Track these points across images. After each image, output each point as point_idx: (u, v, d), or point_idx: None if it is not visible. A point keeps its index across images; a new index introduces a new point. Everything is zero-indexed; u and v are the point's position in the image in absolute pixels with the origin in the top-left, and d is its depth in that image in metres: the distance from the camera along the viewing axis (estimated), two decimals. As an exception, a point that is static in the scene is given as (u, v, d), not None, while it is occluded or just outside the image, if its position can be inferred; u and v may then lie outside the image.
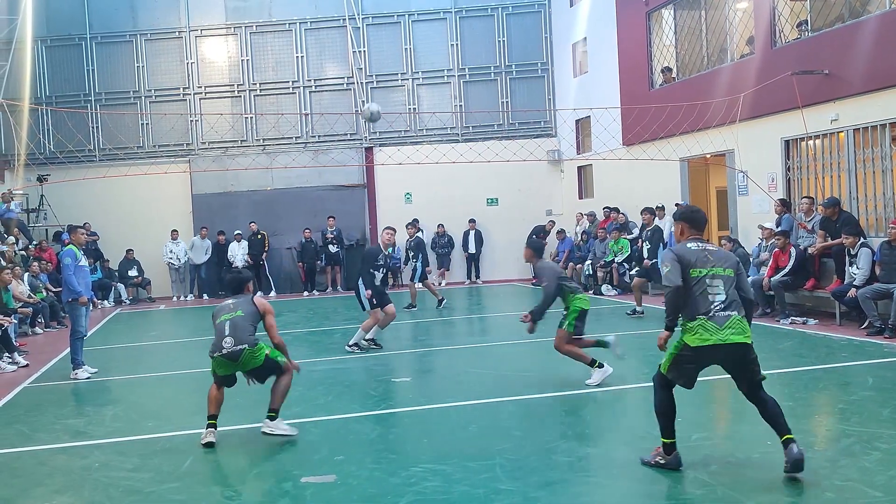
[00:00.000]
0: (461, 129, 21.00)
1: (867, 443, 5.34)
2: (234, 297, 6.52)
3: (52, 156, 18.54)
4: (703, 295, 4.89)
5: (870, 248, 10.31)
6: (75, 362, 9.31)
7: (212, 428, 6.11)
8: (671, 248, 5.28)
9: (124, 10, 20.70)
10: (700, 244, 5.08)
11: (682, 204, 14.34)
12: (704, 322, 4.84)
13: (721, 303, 4.86)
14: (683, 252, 5.03)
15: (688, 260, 4.98)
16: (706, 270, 4.93)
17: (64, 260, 9.32)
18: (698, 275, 4.93)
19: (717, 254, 5.05)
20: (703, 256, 4.99)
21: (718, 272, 4.94)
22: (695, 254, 5.00)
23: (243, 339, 6.12)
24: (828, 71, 11.85)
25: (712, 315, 4.83)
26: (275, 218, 20.30)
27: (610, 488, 4.88)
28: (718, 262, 4.98)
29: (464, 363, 9.30)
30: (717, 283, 4.91)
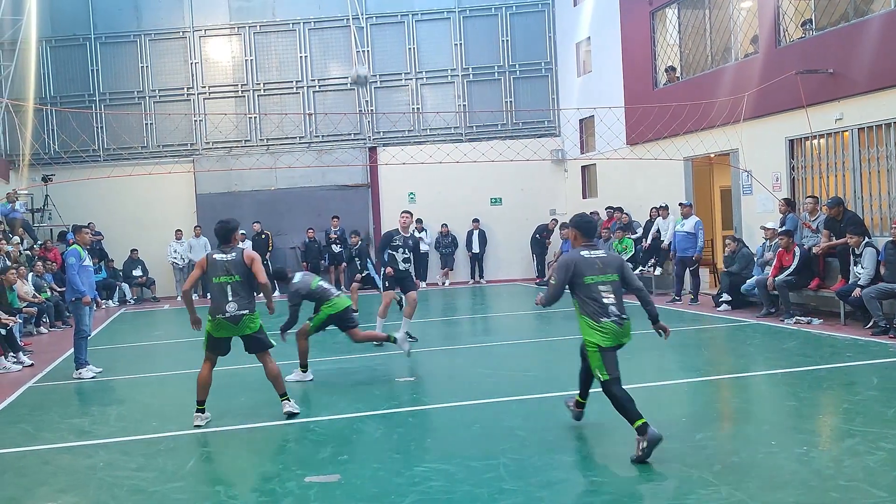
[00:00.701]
0: (465, 129, 20.99)
1: (872, 443, 5.33)
2: (223, 250, 6.76)
3: (57, 156, 18.59)
4: (598, 300, 5.48)
5: (874, 248, 10.28)
6: (79, 362, 9.33)
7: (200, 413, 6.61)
8: (566, 254, 5.76)
9: (128, 10, 20.74)
10: (592, 252, 5.62)
11: (686, 204, 14.36)
12: (609, 325, 5.44)
13: (614, 306, 5.47)
14: (577, 260, 5.56)
15: (580, 268, 5.51)
16: (597, 277, 5.51)
17: (68, 259, 9.32)
18: (591, 281, 5.49)
19: (606, 260, 5.61)
20: (594, 263, 5.54)
21: (608, 279, 5.53)
22: (587, 261, 5.54)
23: (245, 305, 6.67)
24: (832, 70, 11.82)
25: (613, 319, 5.45)
26: (278, 218, 20.32)
27: (613, 488, 4.87)
28: (607, 269, 5.56)
29: (467, 363, 9.30)
30: (606, 288, 5.51)
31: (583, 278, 5.49)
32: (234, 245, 6.86)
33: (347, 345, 10.96)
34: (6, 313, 10.83)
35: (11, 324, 10.64)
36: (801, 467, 4.97)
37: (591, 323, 5.48)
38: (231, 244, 6.83)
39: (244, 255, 6.78)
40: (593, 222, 5.88)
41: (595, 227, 5.87)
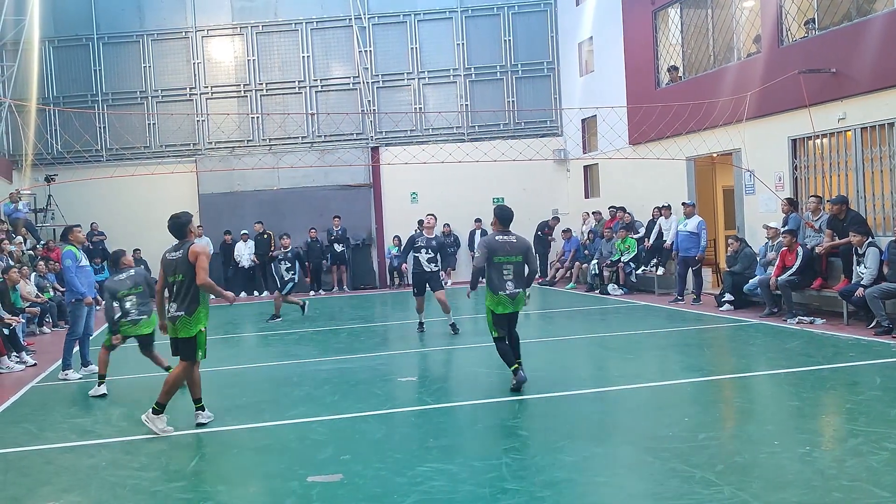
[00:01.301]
0: (467, 129, 21.00)
1: (875, 443, 5.32)
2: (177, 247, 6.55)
3: (60, 156, 18.64)
4: (500, 276, 7.23)
5: (877, 248, 10.26)
6: (65, 363, 9.28)
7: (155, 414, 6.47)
8: (484, 238, 7.59)
9: (131, 10, 20.77)
10: (504, 236, 7.33)
11: (689, 203, 14.35)
12: (503, 297, 7.27)
13: (511, 282, 7.26)
14: (492, 242, 7.31)
15: (494, 249, 7.27)
16: (504, 258, 7.25)
17: (64, 262, 9.20)
18: (500, 260, 7.25)
19: (515, 245, 7.32)
20: (505, 246, 7.27)
21: (511, 259, 7.28)
22: (499, 244, 7.29)
23: (183, 306, 6.39)
24: (835, 69, 11.80)
25: (508, 293, 7.25)
26: (281, 217, 20.32)
27: (615, 488, 4.87)
28: (514, 251, 7.29)
29: (469, 363, 9.30)
30: (509, 268, 7.26)
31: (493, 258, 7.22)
32: (189, 240, 6.61)
33: (348, 345, 10.98)
34: (9, 313, 10.85)
35: (14, 323, 10.66)
36: (804, 467, 4.96)
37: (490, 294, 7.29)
38: (186, 239, 6.58)
39: (189, 252, 6.44)
40: (508, 211, 7.46)
41: (510, 216, 7.43)
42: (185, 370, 6.50)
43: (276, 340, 11.93)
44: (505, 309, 7.28)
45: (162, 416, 6.38)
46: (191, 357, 6.47)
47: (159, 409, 6.39)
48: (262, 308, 17.06)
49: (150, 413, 6.39)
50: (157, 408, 6.40)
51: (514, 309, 7.33)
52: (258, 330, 13.06)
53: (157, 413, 6.38)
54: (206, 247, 6.61)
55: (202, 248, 6.52)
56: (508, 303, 7.28)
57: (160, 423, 6.36)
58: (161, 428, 6.34)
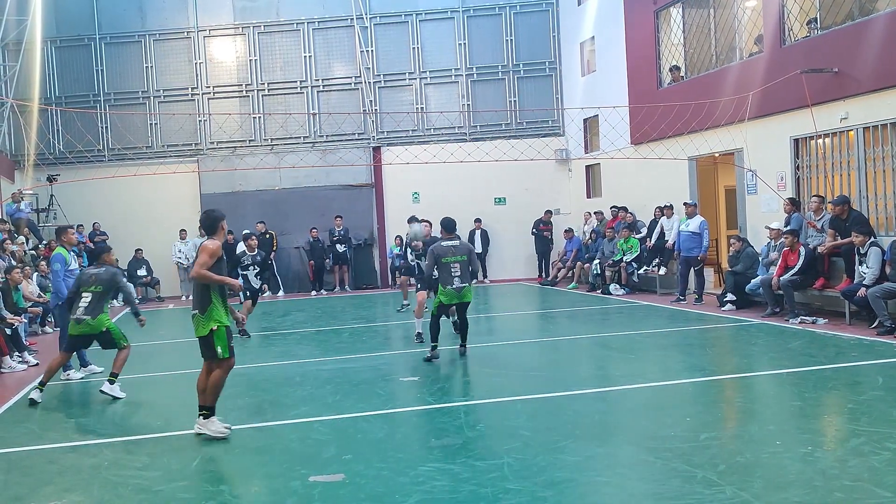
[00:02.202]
0: (469, 129, 20.99)
1: (877, 443, 5.31)
2: None
3: (62, 156, 18.65)
4: (449, 274, 9.10)
5: (880, 247, 10.25)
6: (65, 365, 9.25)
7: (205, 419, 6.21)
8: (432, 247, 9.26)
9: (133, 10, 20.79)
10: (450, 242, 9.26)
11: (691, 203, 14.34)
12: (451, 291, 9.15)
13: (458, 278, 9.12)
14: (439, 249, 9.17)
15: (441, 253, 9.13)
16: (451, 258, 9.12)
17: (53, 266, 9.09)
18: (447, 261, 9.11)
19: (458, 247, 9.26)
20: (451, 250, 9.17)
21: (458, 259, 9.14)
22: (445, 249, 9.18)
23: (195, 303, 6.23)
24: (837, 69, 11.79)
25: (455, 287, 9.13)
26: (283, 217, 20.35)
27: (617, 488, 4.87)
28: (458, 253, 9.17)
29: (471, 363, 9.30)
30: (456, 266, 9.12)
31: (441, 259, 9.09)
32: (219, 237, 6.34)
33: (350, 345, 10.99)
34: (11, 313, 10.86)
35: (17, 323, 10.67)
36: (806, 467, 4.96)
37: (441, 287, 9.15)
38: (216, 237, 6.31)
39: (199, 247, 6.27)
40: (452, 221, 9.59)
41: (454, 225, 9.58)
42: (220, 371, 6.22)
43: (278, 340, 11.94)
44: (453, 300, 9.21)
45: (213, 419, 6.16)
46: (211, 356, 6.21)
47: (208, 413, 6.16)
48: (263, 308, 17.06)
49: (200, 419, 6.16)
50: (206, 412, 6.16)
51: (465, 299, 9.24)
52: (259, 330, 13.07)
53: (207, 417, 6.14)
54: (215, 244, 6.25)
55: (208, 244, 6.26)
56: (454, 295, 9.16)
57: (213, 425, 6.13)
58: (217, 429, 6.11)
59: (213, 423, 6.12)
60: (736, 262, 13.04)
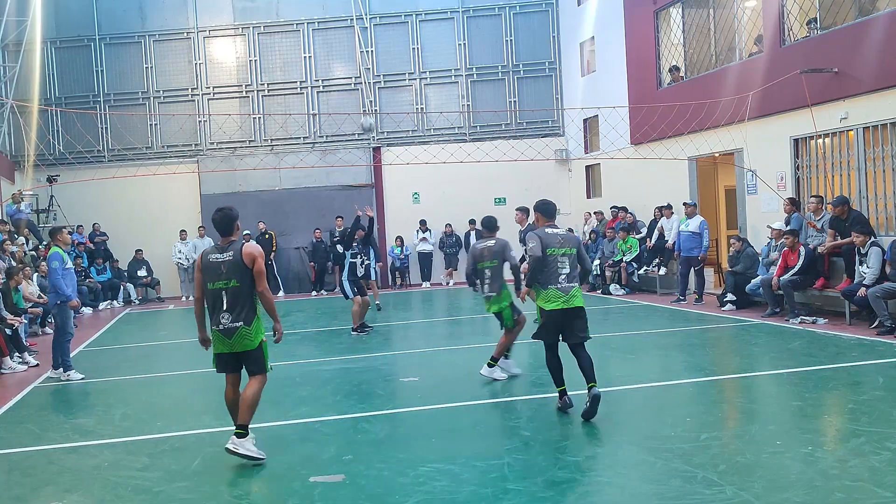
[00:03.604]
0: (469, 129, 21.00)
1: (877, 443, 5.31)
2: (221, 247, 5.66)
3: (62, 156, 18.66)
4: (554, 269, 6.44)
5: (880, 247, 10.25)
6: (66, 364, 9.26)
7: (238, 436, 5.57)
8: (535, 231, 6.69)
9: (133, 11, 20.80)
10: (553, 229, 6.66)
11: (691, 203, 14.34)
12: (555, 291, 6.42)
13: (566, 276, 6.45)
14: (543, 235, 6.55)
15: (546, 241, 6.50)
16: (557, 250, 6.49)
17: (51, 264, 9.16)
18: (552, 252, 6.47)
19: (565, 237, 6.67)
20: (557, 238, 6.57)
21: (566, 251, 6.53)
22: (550, 236, 6.56)
23: (240, 315, 5.56)
24: (837, 69, 11.79)
25: (560, 286, 6.41)
26: (283, 218, 20.36)
27: (618, 488, 4.87)
28: (566, 244, 6.58)
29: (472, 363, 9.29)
30: (563, 261, 6.48)
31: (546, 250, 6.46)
32: (237, 239, 5.74)
33: (351, 345, 10.99)
34: (11, 314, 10.85)
35: (17, 324, 10.67)
36: (807, 467, 4.96)
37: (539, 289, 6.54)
38: (232, 238, 5.73)
39: (243, 254, 5.59)
40: (552, 205, 6.89)
41: (555, 209, 6.98)
42: (260, 384, 5.69)
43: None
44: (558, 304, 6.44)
45: (249, 437, 5.58)
46: (261, 369, 5.71)
47: (244, 432, 5.57)
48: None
49: (235, 438, 5.54)
50: (242, 431, 5.57)
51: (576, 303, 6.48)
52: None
53: (241, 437, 5.55)
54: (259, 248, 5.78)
55: (257, 249, 5.68)
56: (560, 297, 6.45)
57: (249, 443, 5.57)
58: (252, 450, 5.54)
59: (249, 444, 5.57)
60: (736, 263, 13.04)
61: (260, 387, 5.69)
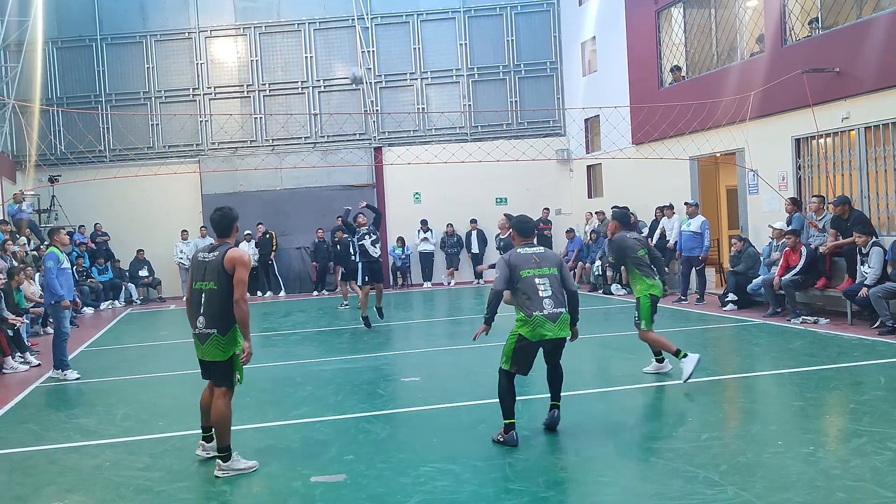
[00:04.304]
0: (470, 129, 21.00)
1: (879, 443, 5.31)
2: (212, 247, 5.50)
3: (63, 156, 18.66)
4: (535, 293, 5.76)
5: (881, 247, 10.24)
6: (63, 364, 9.26)
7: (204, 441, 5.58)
8: (503, 255, 6.07)
9: (134, 11, 20.81)
10: (529, 249, 5.99)
11: (692, 203, 14.34)
12: (540, 320, 5.73)
13: (550, 299, 5.76)
14: (514, 259, 5.92)
15: (516, 263, 5.87)
16: (534, 271, 5.83)
17: (46, 263, 9.17)
18: (527, 274, 5.82)
19: (543, 255, 5.95)
20: (531, 259, 5.89)
21: (545, 272, 5.85)
22: (522, 258, 5.90)
23: (214, 321, 5.32)
24: (838, 69, 11.78)
25: (547, 313, 5.73)
26: (284, 218, 20.36)
27: (619, 488, 4.86)
28: (544, 263, 5.90)
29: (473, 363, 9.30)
30: (543, 283, 5.80)
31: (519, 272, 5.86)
32: (229, 242, 5.53)
33: (352, 345, 10.99)
34: (13, 314, 10.86)
35: (19, 324, 10.67)
36: (808, 467, 4.95)
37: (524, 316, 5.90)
38: (226, 240, 5.52)
39: (226, 257, 5.33)
40: (530, 222, 6.27)
41: (533, 227, 6.27)
42: (225, 399, 5.41)
43: (280, 341, 11.95)
44: (546, 333, 5.75)
45: (235, 456, 5.38)
46: (226, 382, 5.42)
47: (226, 455, 5.36)
48: (265, 308, 17.08)
49: (221, 463, 5.34)
50: (224, 454, 5.35)
51: (563, 334, 5.85)
52: (261, 330, 13.07)
53: (226, 459, 5.35)
54: (248, 255, 5.54)
55: (243, 255, 5.41)
56: (550, 327, 5.75)
57: (238, 464, 5.35)
58: (243, 467, 5.35)
59: (238, 462, 5.37)
60: (737, 262, 13.04)
61: (225, 403, 5.39)
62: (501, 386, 5.89)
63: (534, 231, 6.25)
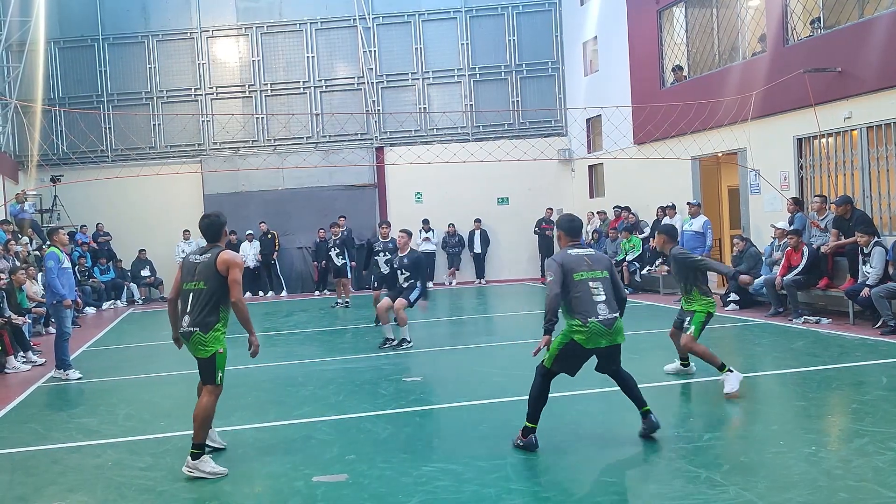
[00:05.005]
0: (471, 129, 21.00)
1: (881, 443, 5.30)
2: (203, 250, 5.61)
3: (65, 156, 18.68)
4: (588, 297, 5.44)
5: (883, 247, 10.23)
6: (64, 364, 9.28)
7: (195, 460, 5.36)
8: (554, 256, 5.66)
9: (136, 11, 20.83)
10: (579, 250, 5.64)
11: (694, 203, 14.32)
12: (596, 326, 5.41)
13: (605, 304, 5.45)
14: (566, 259, 5.55)
15: (570, 266, 5.50)
16: (587, 274, 5.50)
17: (47, 263, 9.19)
18: (581, 277, 5.48)
19: (594, 258, 5.64)
20: (583, 260, 5.55)
21: (597, 275, 5.53)
22: (574, 259, 5.55)
23: (198, 320, 5.42)
24: (840, 68, 11.77)
25: (602, 319, 5.42)
26: (286, 217, 20.37)
27: (621, 488, 4.86)
28: (596, 266, 5.57)
29: (474, 363, 9.30)
30: (597, 286, 5.49)
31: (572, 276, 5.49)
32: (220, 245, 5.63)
33: (354, 345, 10.99)
34: (16, 313, 10.88)
35: (21, 323, 10.68)
36: (810, 467, 4.95)
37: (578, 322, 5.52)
38: (217, 244, 5.63)
39: (219, 259, 5.45)
40: (578, 221, 5.90)
41: (580, 226, 5.89)
42: (210, 397, 5.49)
43: (282, 340, 11.95)
44: (601, 340, 5.46)
45: (204, 458, 5.35)
46: (211, 379, 5.49)
47: (198, 452, 5.34)
48: (267, 308, 17.10)
49: (190, 460, 5.32)
50: (196, 451, 5.34)
51: (619, 340, 5.58)
52: (263, 330, 13.08)
53: (196, 458, 5.32)
54: (241, 257, 5.69)
55: (236, 256, 5.54)
56: (605, 333, 5.46)
57: (206, 465, 5.32)
58: (210, 470, 5.31)
59: (206, 463, 5.34)
60: (739, 262, 13.02)
61: (210, 400, 5.46)
62: (536, 385, 5.64)
63: (581, 231, 5.87)
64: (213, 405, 5.49)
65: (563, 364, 5.61)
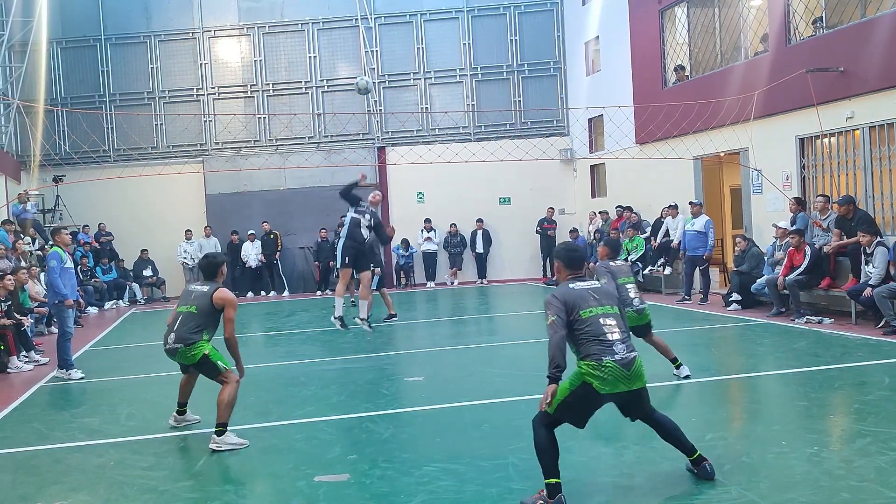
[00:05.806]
0: (473, 129, 20.99)
1: (883, 443, 5.30)
2: (203, 283, 6.37)
3: (68, 156, 18.69)
4: (601, 335, 4.60)
5: (886, 247, 10.22)
6: (67, 363, 9.29)
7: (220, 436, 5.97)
8: (554, 292, 4.78)
9: (138, 11, 20.84)
10: (581, 283, 4.79)
11: (696, 203, 14.31)
12: (613, 368, 4.53)
13: (621, 342, 4.60)
14: (568, 295, 4.70)
15: (574, 303, 4.66)
16: (596, 310, 4.65)
17: (49, 263, 9.23)
18: (590, 315, 4.64)
19: (601, 291, 4.77)
20: (589, 296, 4.72)
21: (608, 311, 4.68)
22: (579, 294, 4.71)
23: (182, 337, 6.13)
24: (843, 68, 11.76)
25: (619, 359, 4.55)
26: (288, 217, 20.38)
27: (622, 488, 4.86)
28: (605, 300, 4.73)
29: (476, 363, 9.30)
30: (610, 322, 4.65)
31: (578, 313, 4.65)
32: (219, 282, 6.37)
33: (355, 345, 10.99)
34: (18, 313, 10.89)
35: (24, 323, 10.70)
36: (812, 467, 4.95)
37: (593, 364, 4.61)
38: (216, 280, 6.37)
39: (216, 294, 6.19)
40: (579, 252, 5.05)
41: (582, 258, 5.00)
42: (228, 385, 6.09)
43: (283, 340, 11.96)
44: (620, 385, 4.56)
45: (228, 433, 5.97)
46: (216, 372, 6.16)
47: (222, 430, 5.96)
48: (268, 308, 17.10)
49: (216, 437, 5.93)
50: (220, 428, 5.96)
51: (639, 385, 4.64)
52: (265, 330, 13.09)
53: (221, 434, 5.94)
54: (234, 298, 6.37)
55: (232, 296, 6.28)
56: (625, 378, 4.56)
57: (231, 438, 5.95)
58: (235, 442, 5.95)
59: (230, 437, 5.96)
60: (741, 262, 13.02)
61: (231, 387, 6.08)
62: (540, 438, 4.63)
63: (583, 262, 4.95)
64: (235, 390, 6.09)
65: (571, 412, 4.67)
